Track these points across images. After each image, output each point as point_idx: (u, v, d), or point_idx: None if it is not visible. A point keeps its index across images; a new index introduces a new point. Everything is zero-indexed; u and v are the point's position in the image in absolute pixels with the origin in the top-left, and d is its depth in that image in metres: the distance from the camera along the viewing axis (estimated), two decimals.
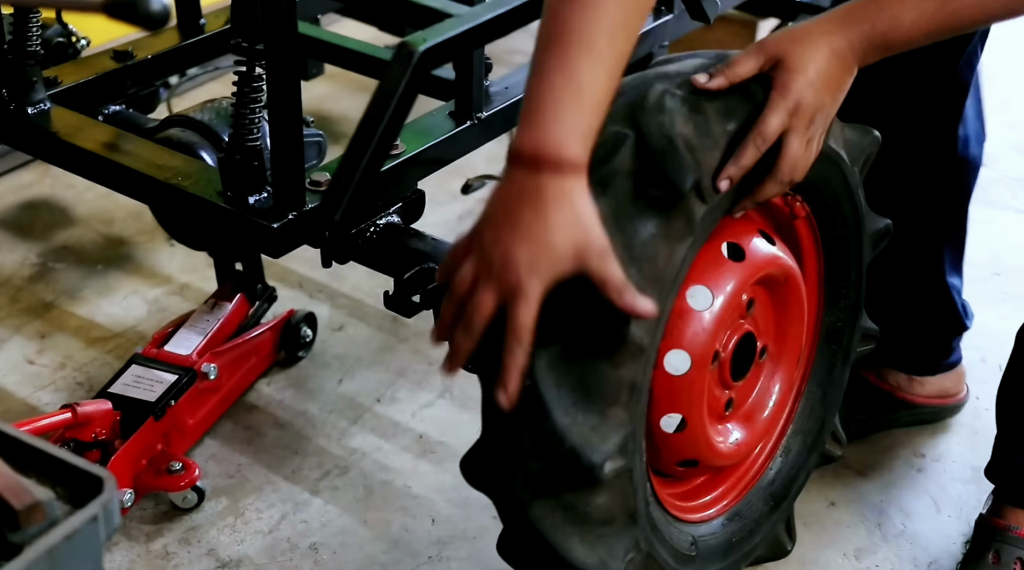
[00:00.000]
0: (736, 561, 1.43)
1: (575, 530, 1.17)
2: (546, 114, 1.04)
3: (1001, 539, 1.50)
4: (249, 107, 1.42)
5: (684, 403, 1.27)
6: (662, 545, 1.28)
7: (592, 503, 1.16)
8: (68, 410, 1.45)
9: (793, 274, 1.35)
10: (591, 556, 1.19)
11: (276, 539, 1.55)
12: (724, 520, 1.43)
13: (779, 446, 1.48)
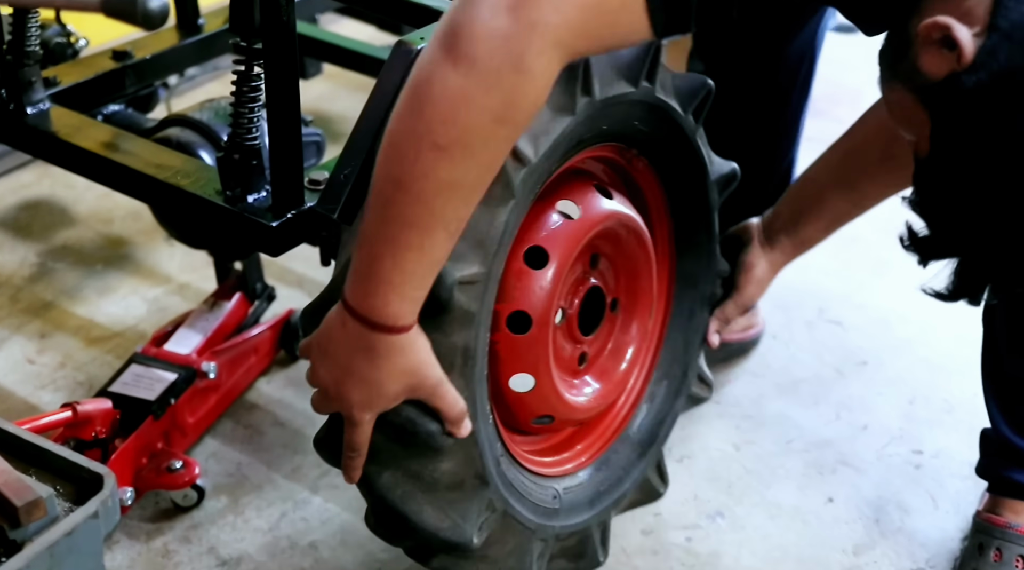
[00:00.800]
0: (605, 509, 1.46)
1: (425, 498, 1.23)
2: (391, 290, 1.08)
3: (1002, 537, 1.51)
4: (248, 106, 1.42)
5: (531, 362, 1.31)
6: (520, 502, 1.32)
7: (438, 470, 1.21)
8: (68, 409, 1.45)
9: (635, 226, 1.38)
10: (444, 520, 1.24)
11: (276, 537, 1.55)
12: (590, 471, 1.47)
13: (643, 394, 1.53)
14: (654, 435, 1.53)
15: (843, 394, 1.84)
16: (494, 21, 0.99)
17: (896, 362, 1.91)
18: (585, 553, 1.46)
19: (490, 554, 1.31)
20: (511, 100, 1.01)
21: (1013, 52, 0.97)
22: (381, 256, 1.07)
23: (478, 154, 1.03)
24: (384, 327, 1.10)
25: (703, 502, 1.63)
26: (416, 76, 1.02)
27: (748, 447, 1.73)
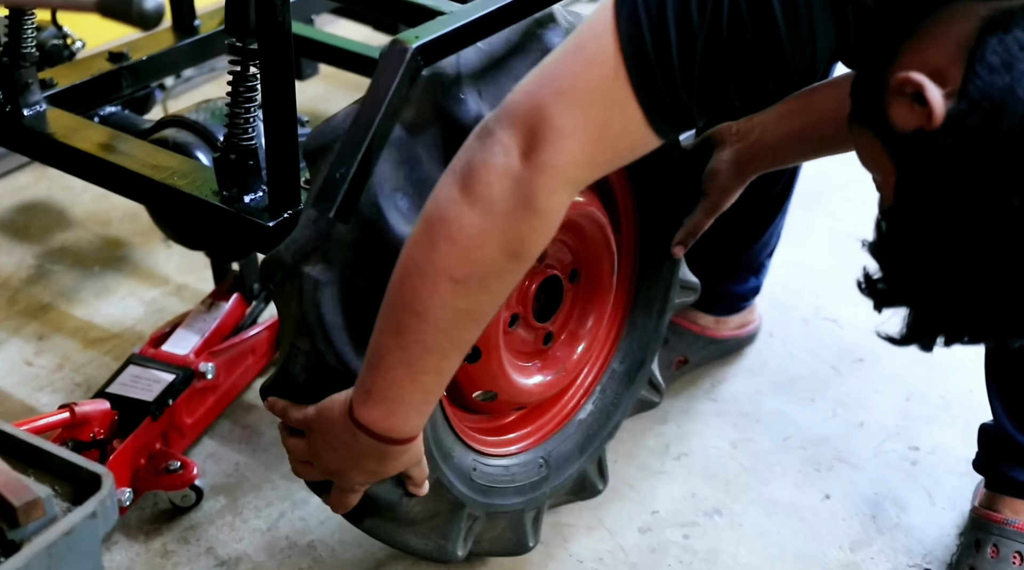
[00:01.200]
0: (598, 446, 1.52)
1: (406, 530, 1.32)
2: (412, 410, 1.16)
3: (999, 533, 1.51)
4: (244, 107, 1.42)
5: (489, 380, 1.35)
6: (502, 495, 1.40)
7: (412, 511, 1.30)
8: (66, 410, 1.46)
9: (588, 212, 1.38)
10: (428, 544, 1.34)
11: (275, 537, 1.55)
12: (575, 424, 1.51)
13: (622, 330, 1.55)
14: (641, 359, 1.56)
15: (839, 391, 1.84)
16: (508, 165, 1.05)
17: (892, 359, 1.91)
18: (584, 487, 1.53)
19: (485, 538, 1.40)
20: (524, 237, 1.08)
21: (980, 122, 0.97)
22: (400, 380, 1.13)
23: (491, 286, 1.10)
24: (402, 441, 1.18)
25: (700, 500, 1.63)
26: (433, 210, 1.09)
27: (745, 445, 1.73)
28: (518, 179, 1.05)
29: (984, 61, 0.98)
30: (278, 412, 1.27)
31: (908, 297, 1.09)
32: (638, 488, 1.65)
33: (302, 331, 1.21)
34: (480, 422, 1.45)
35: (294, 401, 1.25)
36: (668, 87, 1.05)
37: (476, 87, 1.22)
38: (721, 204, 1.52)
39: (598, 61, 1.05)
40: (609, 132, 1.07)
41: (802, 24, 1.03)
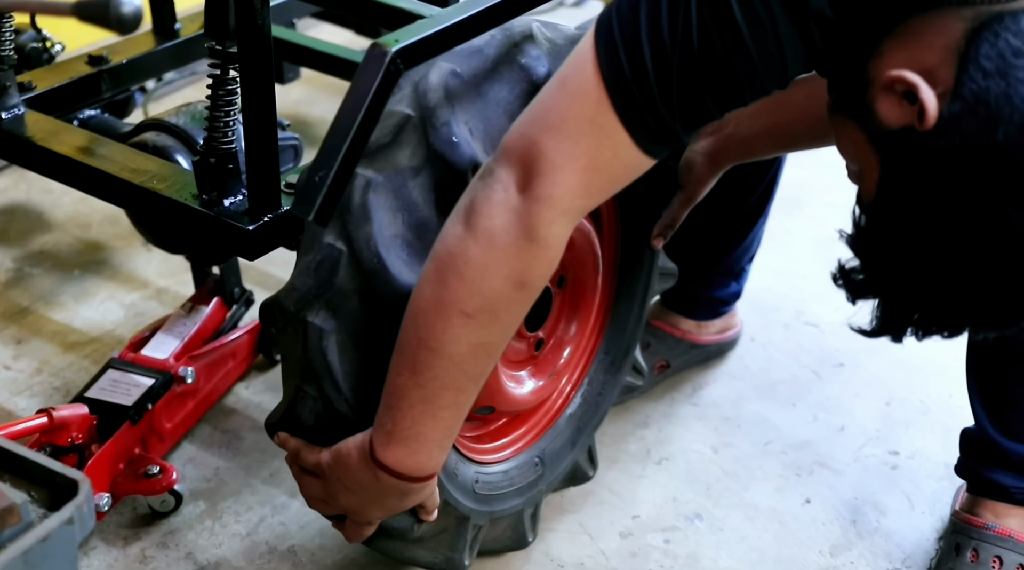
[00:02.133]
0: (587, 436, 1.54)
1: (413, 546, 1.34)
2: (435, 446, 1.19)
3: (979, 538, 1.51)
4: (223, 110, 1.42)
5: (484, 397, 1.35)
6: (503, 501, 1.42)
7: (419, 529, 1.32)
8: (44, 414, 1.45)
9: (580, 225, 1.39)
10: (437, 557, 1.36)
11: (255, 542, 1.55)
12: (565, 420, 1.53)
13: (606, 322, 1.56)
14: (627, 346, 1.57)
15: (820, 396, 1.84)
16: (507, 199, 1.10)
17: (873, 364, 1.91)
18: (575, 475, 1.57)
19: (486, 539, 1.43)
20: (528, 268, 1.12)
21: (976, 127, 0.99)
22: (420, 418, 1.16)
23: (501, 317, 1.13)
24: (425, 478, 1.21)
25: (681, 504, 1.63)
26: (441, 249, 1.13)
27: (726, 449, 1.73)
28: (518, 211, 1.09)
29: (977, 64, 1.00)
30: (290, 451, 1.28)
31: (883, 288, 1.11)
32: (619, 493, 1.65)
33: (309, 377, 1.23)
34: (475, 430, 1.45)
35: (304, 438, 1.26)
36: (650, 109, 1.08)
37: (466, 125, 1.22)
38: (696, 195, 1.54)
39: (582, 93, 1.09)
40: (601, 160, 1.10)
41: (768, 39, 1.05)
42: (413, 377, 1.14)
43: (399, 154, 1.22)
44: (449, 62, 1.24)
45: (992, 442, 1.52)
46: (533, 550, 1.55)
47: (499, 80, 1.26)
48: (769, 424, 1.78)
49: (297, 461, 1.28)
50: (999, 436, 1.51)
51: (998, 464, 1.52)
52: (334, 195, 1.17)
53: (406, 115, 1.21)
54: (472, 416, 1.39)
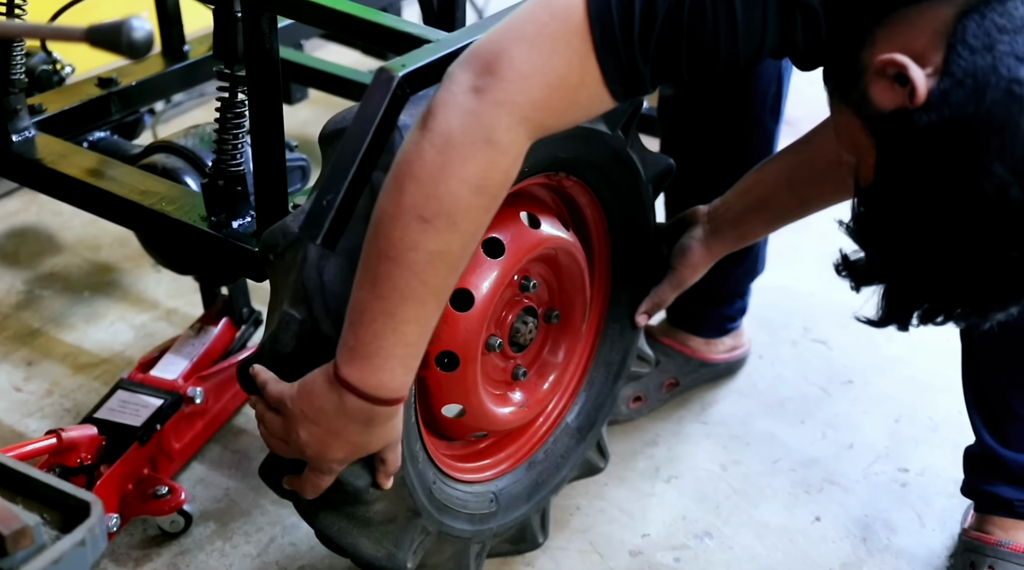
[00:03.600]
0: (544, 497, 1.53)
1: (360, 532, 1.31)
2: (398, 364, 1.15)
3: (995, 555, 1.51)
4: (232, 133, 1.43)
5: (460, 395, 1.37)
6: (455, 518, 1.40)
7: (371, 510, 1.29)
8: (53, 436, 1.45)
9: (566, 245, 1.43)
10: (379, 550, 1.33)
11: (265, 562, 1.55)
12: (527, 466, 1.52)
13: (581, 384, 1.57)
14: (593, 419, 1.58)
15: (829, 413, 1.84)
16: (466, 102, 1.09)
17: (881, 380, 1.91)
18: (524, 538, 1.54)
19: (428, 564, 1.40)
20: (485, 172, 1.09)
21: (964, 99, 1.02)
22: (382, 332, 1.13)
23: (460, 224, 1.11)
24: (389, 400, 1.17)
25: (691, 522, 1.63)
26: (399, 157, 1.11)
27: (735, 467, 1.73)
28: (477, 114, 1.08)
29: (965, 43, 1.04)
30: (259, 383, 1.24)
31: (886, 274, 1.12)
32: (629, 511, 1.65)
33: (299, 299, 1.20)
34: (442, 447, 1.46)
35: (278, 373, 1.23)
36: (627, 49, 1.11)
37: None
38: (687, 280, 1.57)
39: (565, 14, 1.11)
40: (568, 82, 1.11)
41: (756, 12, 1.10)
42: (373, 289, 1.12)
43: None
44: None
45: (993, 455, 1.52)
46: (542, 569, 1.55)
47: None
48: (778, 442, 1.78)
49: (263, 397, 1.24)
50: (998, 447, 1.52)
51: (1000, 478, 1.53)
52: (342, 219, 1.18)
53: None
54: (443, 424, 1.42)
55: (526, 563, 1.56)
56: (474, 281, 1.33)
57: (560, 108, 1.13)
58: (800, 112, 2.80)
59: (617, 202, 1.49)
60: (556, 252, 1.43)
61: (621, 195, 1.48)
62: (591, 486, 1.67)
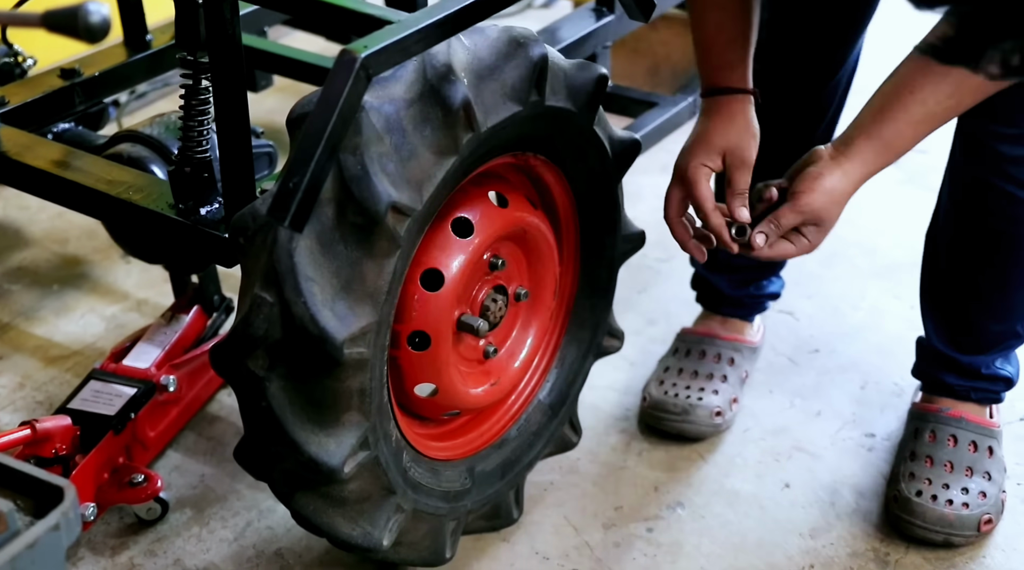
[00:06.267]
0: (517, 473, 1.56)
1: (336, 511, 1.33)
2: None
3: (935, 420, 1.64)
4: (197, 119, 1.44)
5: (432, 374, 1.39)
6: (429, 496, 1.42)
7: (345, 490, 1.31)
8: (27, 427, 1.46)
9: (531, 223, 1.44)
10: (354, 529, 1.35)
11: (242, 546, 1.56)
12: (499, 444, 1.55)
13: (553, 361, 1.59)
14: (565, 396, 1.60)
15: (796, 382, 1.87)
16: None
17: (847, 349, 1.94)
18: (499, 514, 1.56)
19: (404, 541, 1.41)
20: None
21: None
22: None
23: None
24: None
25: (663, 494, 1.66)
26: None
27: (705, 438, 1.75)
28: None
29: None
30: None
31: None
32: (602, 485, 1.67)
33: (271, 281, 1.22)
34: (416, 426, 1.48)
35: (249, 355, 1.24)
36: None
37: (464, 76, 1.25)
38: (820, 207, 1.39)
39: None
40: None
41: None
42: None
43: (396, 86, 1.23)
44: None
45: (943, 355, 1.65)
46: (518, 544, 1.57)
47: (503, 58, 1.30)
48: (747, 412, 1.81)
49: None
50: (950, 351, 1.64)
51: (947, 369, 1.66)
52: (309, 201, 1.19)
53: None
54: (416, 403, 1.44)
55: (502, 539, 1.58)
56: (444, 261, 1.35)
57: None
58: None
59: (584, 180, 1.50)
60: (525, 231, 1.44)
61: (588, 173, 1.50)
62: (564, 461, 1.69)
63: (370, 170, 1.20)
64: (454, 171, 1.27)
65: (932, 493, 1.56)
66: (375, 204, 1.20)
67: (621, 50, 2.61)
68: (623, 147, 1.52)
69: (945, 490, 1.56)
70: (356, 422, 1.27)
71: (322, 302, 1.21)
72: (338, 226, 1.22)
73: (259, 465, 1.35)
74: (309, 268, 1.21)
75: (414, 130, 1.23)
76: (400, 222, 1.22)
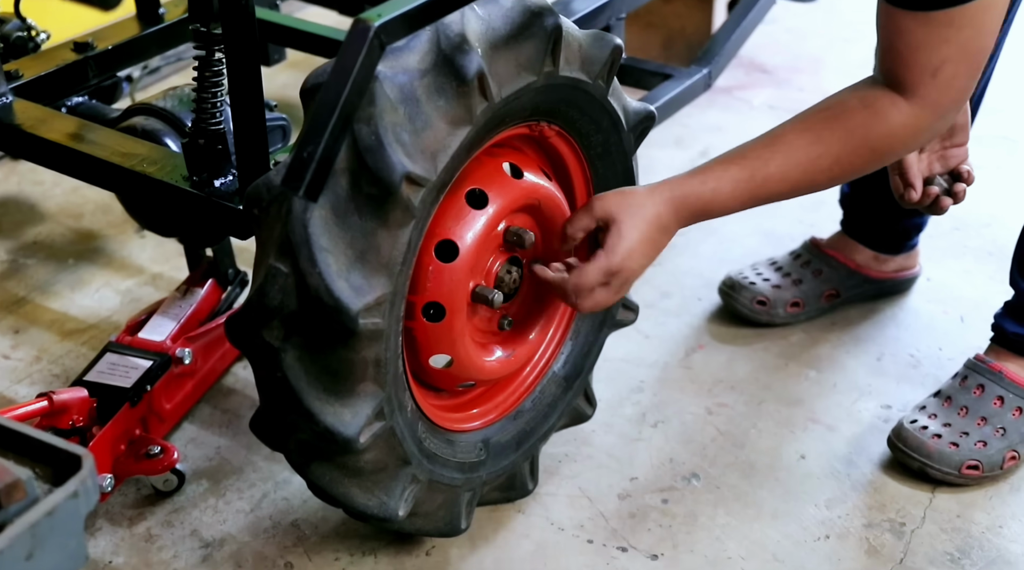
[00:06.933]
0: (533, 444, 1.56)
1: (352, 482, 1.34)
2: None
3: (974, 368, 1.64)
4: (210, 91, 1.44)
5: (447, 345, 1.38)
6: (444, 466, 1.42)
7: (361, 460, 1.31)
8: (44, 399, 1.46)
9: (549, 194, 1.43)
10: (371, 499, 1.35)
11: (258, 517, 1.57)
12: (514, 416, 1.55)
13: (567, 334, 1.59)
14: (580, 368, 1.60)
15: (812, 354, 1.87)
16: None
17: (863, 321, 1.93)
18: (514, 485, 1.56)
19: (420, 512, 1.42)
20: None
21: None
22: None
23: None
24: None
25: (678, 465, 1.66)
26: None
27: (720, 410, 1.75)
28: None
29: None
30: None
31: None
32: (617, 456, 1.67)
33: (285, 252, 1.21)
34: (431, 397, 1.48)
35: (264, 326, 1.24)
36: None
37: (478, 46, 1.24)
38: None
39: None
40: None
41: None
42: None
43: (410, 56, 1.23)
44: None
45: (1015, 302, 1.65)
46: (533, 515, 1.57)
47: (519, 31, 1.29)
48: (762, 384, 1.80)
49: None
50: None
51: (1013, 316, 1.66)
52: (323, 170, 1.18)
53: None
54: (431, 375, 1.44)
55: (517, 510, 1.58)
56: (458, 232, 1.35)
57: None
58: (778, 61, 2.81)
59: (598, 152, 1.50)
60: (539, 202, 1.44)
61: (603, 145, 1.49)
62: (579, 433, 1.69)
63: (384, 140, 1.20)
64: (468, 141, 1.27)
65: (925, 425, 1.59)
66: (389, 174, 1.19)
67: (635, 23, 2.59)
68: (638, 119, 1.51)
69: (943, 428, 1.59)
70: (371, 392, 1.27)
71: (337, 273, 1.21)
72: (352, 197, 1.22)
73: (275, 436, 1.36)
74: (324, 238, 1.21)
75: (428, 100, 1.23)
76: (415, 192, 1.22)
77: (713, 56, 2.04)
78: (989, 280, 1.99)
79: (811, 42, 2.83)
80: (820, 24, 2.89)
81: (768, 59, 1.86)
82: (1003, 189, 2.25)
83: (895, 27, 1.30)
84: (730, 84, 2.61)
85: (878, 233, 1.89)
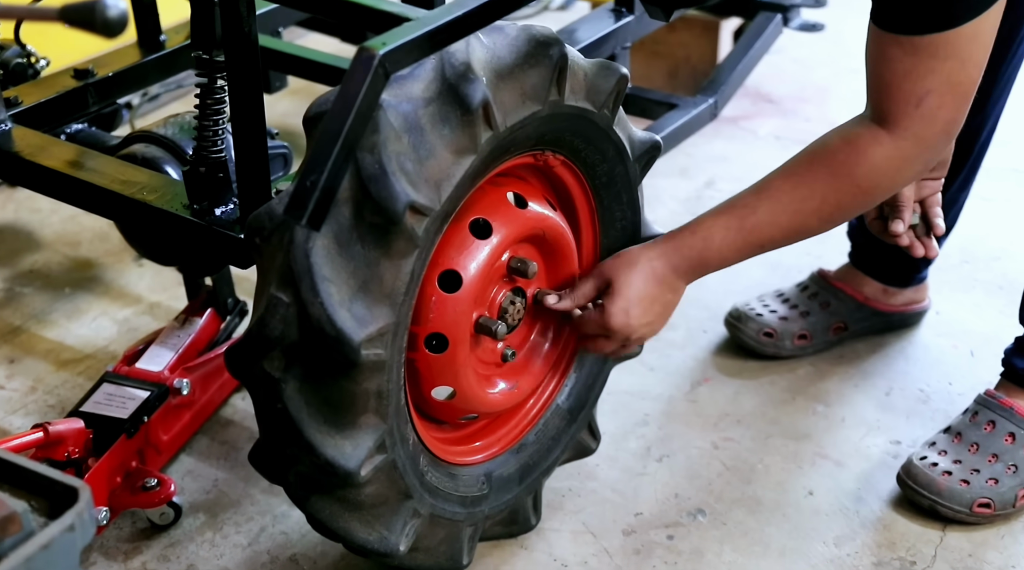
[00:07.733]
0: (536, 478, 1.53)
1: (352, 515, 1.31)
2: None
3: (985, 404, 1.62)
4: (212, 119, 1.42)
5: (450, 377, 1.37)
6: (446, 501, 1.39)
7: (362, 494, 1.28)
8: (40, 429, 1.44)
9: (550, 225, 1.42)
10: (371, 533, 1.33)
11: (256, 552, 1.54)
12: (517, 449, 1.52)
13: (571, 365, 1.56)
14: (584, 401, 1.57)
15: (820, 388, 1.84)
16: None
17: (872, 355, 1.92)
18: (517, 520, 1.54)
19: (421, 547, 1.39)
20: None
21: None
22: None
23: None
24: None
25: (683, 500, 1.63)
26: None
27: (726, 444, 1.73)
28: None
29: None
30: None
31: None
32: (621, 491, 1.64)
33: (287, 281, 1.20)
34: (433, 430, 1.46)
35: (265, 356, 1.23)
36: None
37: (483, 75, 1.23)
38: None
39: None
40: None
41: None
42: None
43: (414, 85, 1.21)
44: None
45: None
46: (536, 550, 1.54)
47: (524, 61, 1.28)
48: (769, 418, 1.78)
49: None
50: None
51: (1022, 354, 1.65)
52: (326, 199, 1.17)
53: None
54: (433, 408, 1.42)
55: (520, 545, 1.55)
56: (462, 262, 1.33)
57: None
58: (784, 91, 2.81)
59: (604, 182, 1.48)
60: (544, 232, 1.42)
61: (608, 175, 1.47)
62: (583, 467, 1.67)
63: (388, 169, 1.18)
64: (473, 171, 1.25)
65: (935, 462, 1.57)
66: (393, 203, 1.18)
67: (640, 52, 2.59)
68: (643, 148, 1.50)
69: (954, 465, 1.56)
70: (373, 425, 1.25)
71: (339, 303, 1.19)
72: (355, 226, 1.20)
73: (274, 468, 1.33)
74: (326, 268, 1.19)
75: (432, 129, 1.21)
76: (418, 222, 1.20)
77: (719, 86, 2.04)
78: (999, 314, 1.97)
79: (817, 72, 2.83)
80: (826, 54, 2.88)
81: (774, 89, 1.85)
82: (1013, 222, 2.24)
83: (883, 56, 1.32)
84: (736, 114, 2.61)
85: (887, 266, 1.87)
